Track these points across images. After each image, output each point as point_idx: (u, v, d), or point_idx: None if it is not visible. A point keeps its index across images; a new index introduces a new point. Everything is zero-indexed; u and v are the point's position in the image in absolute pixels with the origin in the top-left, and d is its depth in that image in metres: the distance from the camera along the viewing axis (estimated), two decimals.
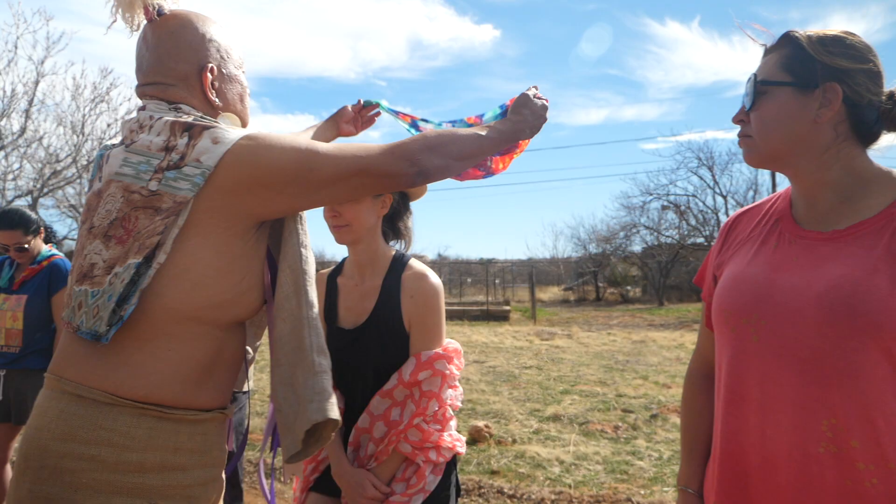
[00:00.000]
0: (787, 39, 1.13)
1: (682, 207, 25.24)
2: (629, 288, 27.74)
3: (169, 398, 1.15)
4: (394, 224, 1.92)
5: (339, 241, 1.81)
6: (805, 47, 1.10)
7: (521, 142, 1.74)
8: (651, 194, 25.72)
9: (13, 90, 14.26)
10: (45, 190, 14.84)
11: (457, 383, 1.83)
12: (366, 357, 1.79)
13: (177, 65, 1.26)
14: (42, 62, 14.47)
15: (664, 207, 26.11)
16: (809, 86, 1.09)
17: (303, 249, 1.31)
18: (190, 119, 1.20)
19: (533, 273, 20.74)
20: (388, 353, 1.78)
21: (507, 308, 18.69)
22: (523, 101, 1.54)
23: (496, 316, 17.70)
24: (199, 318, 1.17)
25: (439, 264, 28.03)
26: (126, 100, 15.59)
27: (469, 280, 29.06)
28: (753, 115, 1.16)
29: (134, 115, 1.25)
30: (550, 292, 30.52)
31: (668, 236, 26.21)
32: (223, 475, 1.30)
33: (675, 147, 37.58)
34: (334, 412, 1.22)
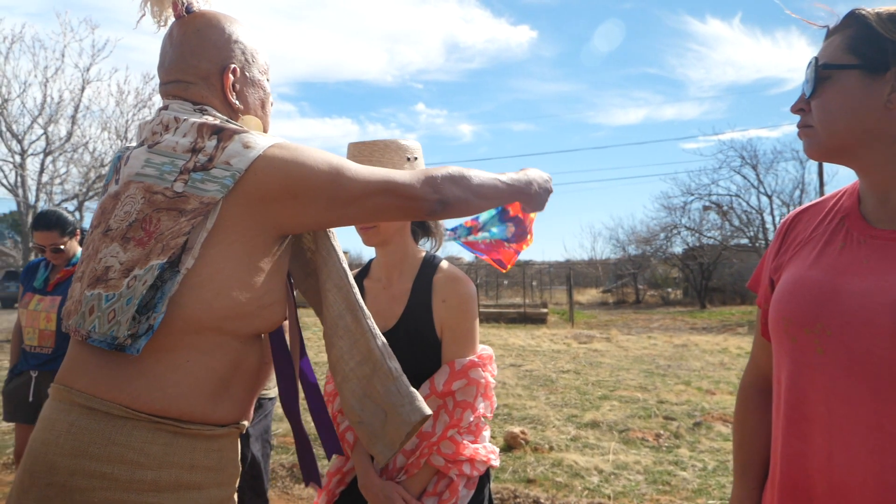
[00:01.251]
0: (853, 18, 1.01)
1: (725, 207, 24.62)
2: (670, 290, 27.22)
3: (186, 412, 1.08)
4: (424, 223, 1.84)
5: (367, 242, 1.74)
6: (873, 26, 0.97)
7: (531, 223, 1.84)
8: (692, 194, 25.16)
9: (60, 97, 14.70)
10: (91, 194, 15.21)
11: (492, 392, 1.74)
12: None
13: (199, 62, 1.23)
14: (87, 69, 14.88)
15: (706, 208, 25.51)
16: (879, 69, 0.96)
17: (344, 265, 1.32)
18: (218, 122, 1.15)
19: (570, 275, 20.48)
20: (419, 360, 1.69)
21: (545, 310, 18.49)
22: (527, 169, 1.55)
23: (533, 318, 17.52)
24: (220, 329, 1.11)
25: (476, 266, 27.87)
26: None
27: (505, 282, 28.88)
28: (815, 104, 1.04)
29: (153, 116, 1.21)
30: (588, 294, 30.15)
31: (710, 237, 25.61)
32: (235, 496, 1.24)
33: (717, 146, 36.73)
34: (427, 408, 1.30)
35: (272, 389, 2.40)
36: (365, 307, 1.33)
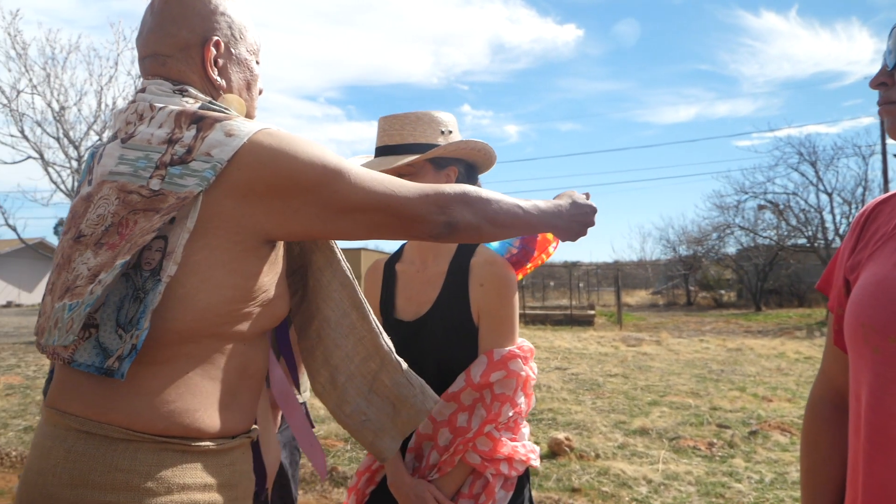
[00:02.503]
0: None
1: (782, 206, 23.73)
2: (723, 292, 26.42)
3: (193, 428, 0.98)
4: None
5: None
6: None
7: (547, 244, 1.68)
8: (746, 193, 24.32)
9: (114, 104, 15.17)
10: None
11: (532, 389, 1.60)
12: (427, 352, 1.59)
13: (178, 31, 1.11)
14: (139, 77, 15.28)
15: (761, 207, 24.64)
16: None
17: (346, 264, 1.24)
18: (197, 107, 1.04)
19: (619, 276, 20.02)
20: (453, 347, 1.58)
21: (592, 312, 18.15)
22: (569, 193, 1.39)
23: (580, 321, 17.21)
24: (219, 335, 1.01)
25: None
26: None
27: (552, 283, 28.53)
28: None
29: (127, 104, 1.10)
30: (638, 296, 29.54)
31: (765, 237, 24.73)
32: None
33: (773, 142, 35.33)
34: (433, 392, 1.29)
35: (300, 395, 2.31)
36: (368, 304, 1.24)
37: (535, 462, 1.58)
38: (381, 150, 1.61)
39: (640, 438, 5.16)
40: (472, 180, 1.72)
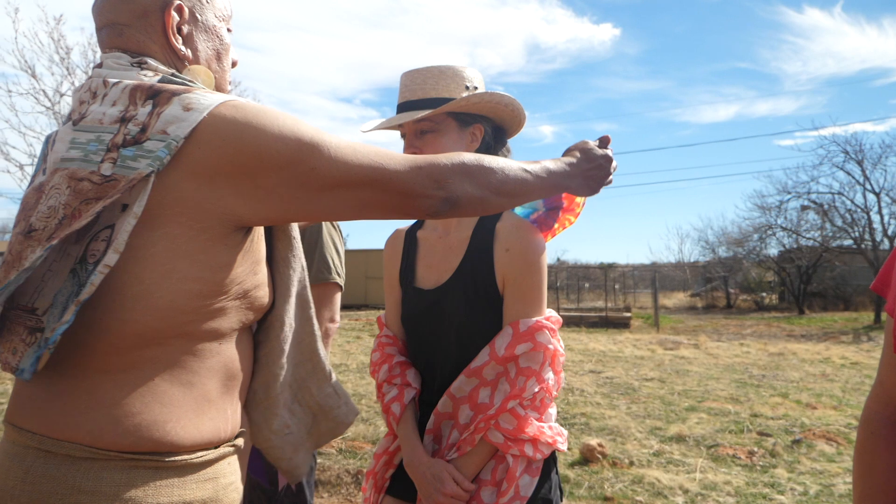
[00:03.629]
0: None
1: (826, 206, 22.97)
2: (764, 294, 25.70)
3: (164, 442, 0.89)
4: None
5: None
6: None
7: (572, 202, 1.57)
8: (789, 192, 23.59)
9: None
10: None
11: (561, 366, 1.49)
12: (447, 322, 1.50)
13: None
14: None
15: (804, 207, 23.88)
16: None
17: (300, 254, 1.13)
18: (156, 80, 0.94)
19: (656, 278, 19.62)
20: (475, 317, 1.48)
21: (628, 315, 17.82)
22: (580, 145, 1.30)
23: (615, 323, 16.91)
24: (189, 335, 0.92)
25: (556, 269, 27.29)
26: None
27: (587, 285, 28.14)
28: None
29: (83, 81, 1.02)
30: (675, 298, 28.95)
31: (809, 238, 23.97)
32: None
33: (817, 141, 34.18)
34: (355, 408, 1.23)
35: None
36: (312, 302, 1.15)
37: (563, 446, 1.46)
38: (402, 107, 1.51)
39: (676, 445, 4.98)
40: (500, 144, 1.60)
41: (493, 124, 1.56)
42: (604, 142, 1.36)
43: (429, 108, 1.46)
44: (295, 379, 1.12)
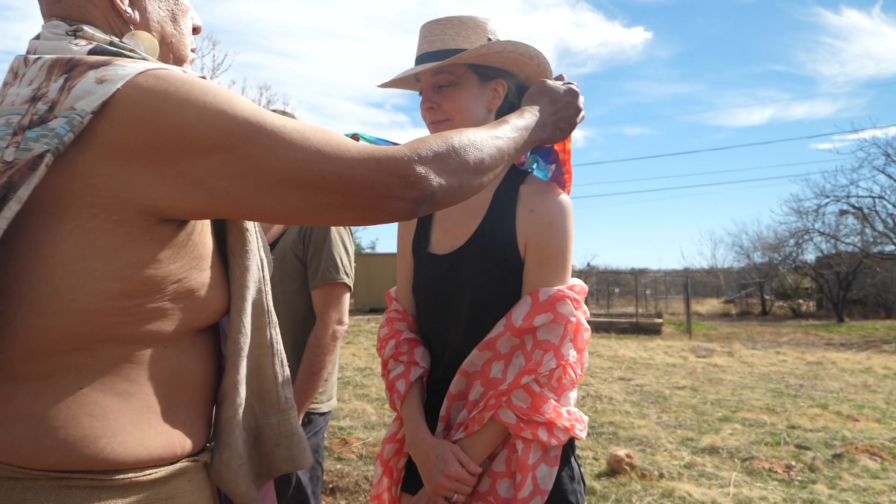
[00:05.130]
0: None
1: (866, 211, 22.28)
2: (801, 301, 25.01)
3: (99, 459, 0.78)
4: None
5: None
6: None
7: (564, 150, 1.43)
8: (827, 196, 22.96)
9: None
10: None
11: (585, 341, 1.36)
12: (462, 289, 1.38)
13: None
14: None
15: (843, 212, 23.20)
16: None
17: (263, 252, 0.99)
18: (86, 50, 0.82)
19: (688, 283, 19.20)
20: (493, 284, 1.35)
21: (660, 321, 17.46)
22: (538, 88, 1.19)
23: (647, 329, 16.57)
24: (122, 338, 0.80)
25: (586, 273, 26.93)
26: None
27: (617, 291, 27.70)
28: None
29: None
30: (708, 305, 28.36)
31: (848, 244, 23.27)
32: None
33: (857, 144, 33.12)
34: (307, 460, 1.03)
35: (324, 403, 2.14)
36: (273, 312, 1.00)
37: (581, 433, 1.32)
38: (420, 59, 1.40)
39: (709, 458, 4.76)
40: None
41: (518, 83, 1.43)
42: (559, 78, 1.26)
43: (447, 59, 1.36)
44: (249, 393, 0.98)
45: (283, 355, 1.02)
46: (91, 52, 0.83)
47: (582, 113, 1.24)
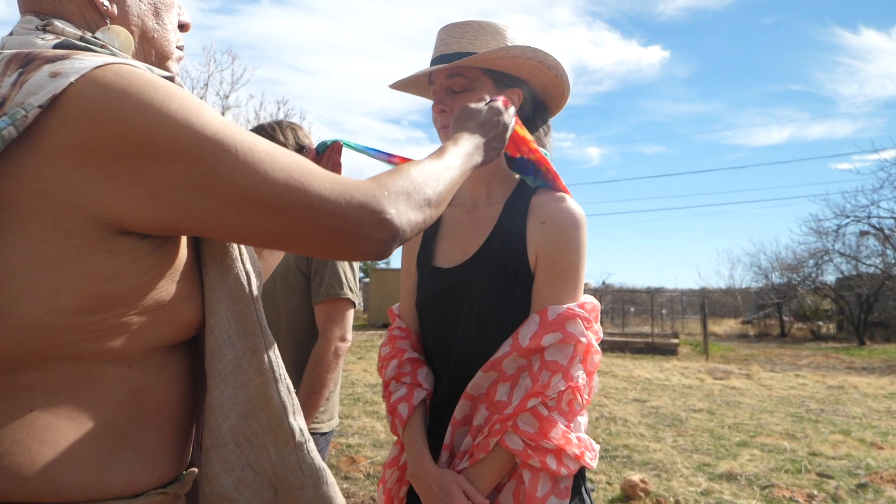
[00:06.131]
0: None
1: (888, 231, 21.90)
2: (821, 323, 24.56)
3: (47, 489, 0.70)
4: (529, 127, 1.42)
5: None
6: None
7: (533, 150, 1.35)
8: (847, 217, 22.60)
9: None
10: None
11: (595, 363, 1.28)
12: (468, 305, 1.31)
13: None
14: (227, 96, 16.03)
15: (863, 233, 22.82)
16: None
17: (247, 264, 0.90)
18: (51, 44, 0.77)
19: (705, 303, 18.94)
20: (501, 299, 1.29)
21: (676, 341, 17.19)
22: (463, 114, 1.16)
23: (662, 349, 16.32)
24: (79, 356, 0.73)
25: (601, 292, 26.70)
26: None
27: (633, 310, 27.41)
28: None
29: None
30: (726, 325, 27.94)
31: (869, 265, 22.87)
32: None
33: (878, 164, 32.67)
34: (338, 498, 0.92)
35: (325, 423, 2.06)
36: (268, 332, 0.89)
37: (592, 461, 1.24)
38: (435, 61, 1.35)
39: (726, 484, 4.61)
40: (540, 120, 1.42)
41: (533, 93, 1.38)
42: (481, 99, 1.23)
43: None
44: (245, 435, 0.86)
45: (288, 381, 0.92)
46: (57, 46, 0.77)
47: (511, 125, 1.20)
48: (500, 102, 1.19)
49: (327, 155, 1.22)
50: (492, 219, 1.36)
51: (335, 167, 1.21)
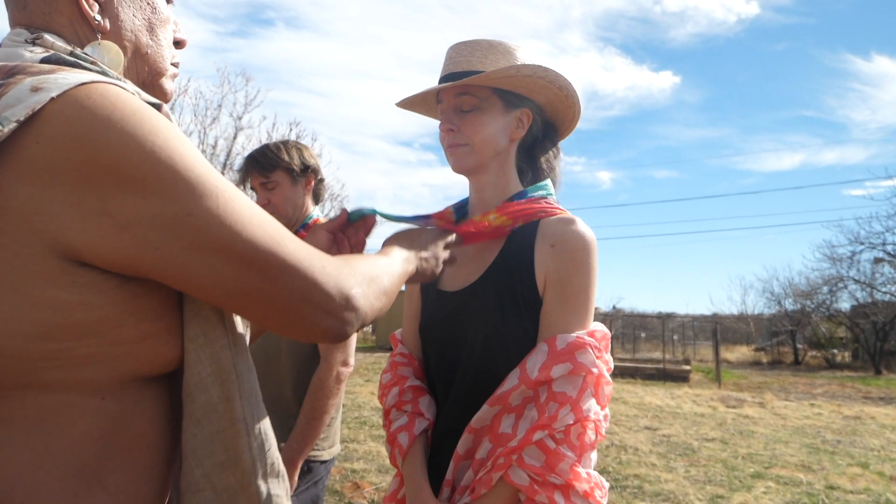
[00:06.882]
0: None
1: None
2: (836, 351, 24.20)
3: None
4: (533, 158, 1.38)
5: (456, 166, 1.31)
6: None
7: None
8: (862, 243, 22.39)
9: (216, 143, 16.31)
10: None
11: (606, 394, 1.22)
12: (473, 330, 1.26)
13: None
14: (240, 118, 16.22)
15: (878, 259, 22.56)
16: None
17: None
18: (39, 58, 0.74)
19: (717, 330, 18.69)
20: (508, 324, 1.23)
21: (687, 368, 16.95)
22: (394, 236, 1.15)
23: (674, 376, 16.09)
24: (43, 385, 0.68)
25: (612, 317, 26.47)
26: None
27: (643, 335, 27.15)
28: None
29: None
30: (738, 352, 27.59)
31: (885, 292, 22.56)
32: None
33: (892, 190, 32.38)
34: None
35: (325, 450, 1.99)
36: (252, 378, 0.82)
37: (602, 500, 1.18)
38: (444, 80, 1.31)
39: None
40: (549, 142, 1.38)
41: (543, 116, 1.35)
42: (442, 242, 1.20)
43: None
44: (223, 486, 0.77)
45: (270, 437, 0.82)
46: (45, 61, 0.74)
47: (440, 263, 1.15)
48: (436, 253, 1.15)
49: (359, 225, 1.17)
50: (499, 241, 1.31)
51: (359, 244, 1.17)
